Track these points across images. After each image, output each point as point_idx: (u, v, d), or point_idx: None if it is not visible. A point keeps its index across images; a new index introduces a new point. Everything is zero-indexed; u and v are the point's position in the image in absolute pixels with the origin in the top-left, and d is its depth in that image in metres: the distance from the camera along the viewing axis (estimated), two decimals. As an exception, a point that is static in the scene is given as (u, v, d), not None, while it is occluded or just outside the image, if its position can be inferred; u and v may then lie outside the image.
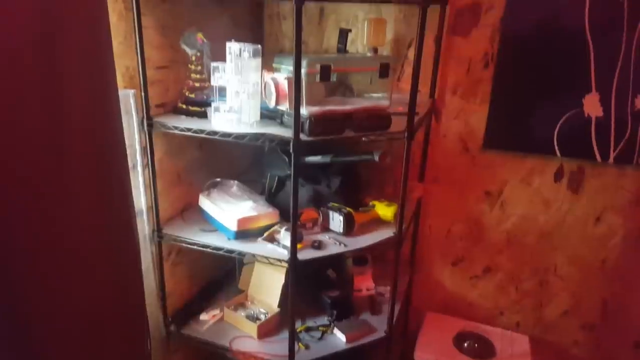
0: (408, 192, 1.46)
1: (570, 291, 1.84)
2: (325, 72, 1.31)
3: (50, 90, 1.02)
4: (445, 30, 1.71)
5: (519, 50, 1.63)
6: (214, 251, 1.44)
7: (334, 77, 1.35)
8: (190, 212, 1.65)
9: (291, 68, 1.23)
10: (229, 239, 1.47)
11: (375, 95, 1.44)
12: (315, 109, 1.31)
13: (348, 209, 1.54)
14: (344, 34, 1.52)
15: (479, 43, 1.69)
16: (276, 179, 1.66)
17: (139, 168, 1.42)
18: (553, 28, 1.57)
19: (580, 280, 1.82)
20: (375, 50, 1.49)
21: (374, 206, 1.63)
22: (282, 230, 1.45)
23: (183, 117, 1.47)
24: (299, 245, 1.40)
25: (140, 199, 1.46)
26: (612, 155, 1.62)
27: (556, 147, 1.67)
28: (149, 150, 1.43)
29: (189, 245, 1.48)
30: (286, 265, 1.37)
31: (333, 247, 1.46)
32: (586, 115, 1.61)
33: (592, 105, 1.60)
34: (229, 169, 1.81)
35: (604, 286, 1.79)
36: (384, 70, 1.37)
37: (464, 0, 1.66)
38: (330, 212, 1.55)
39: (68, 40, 1.04)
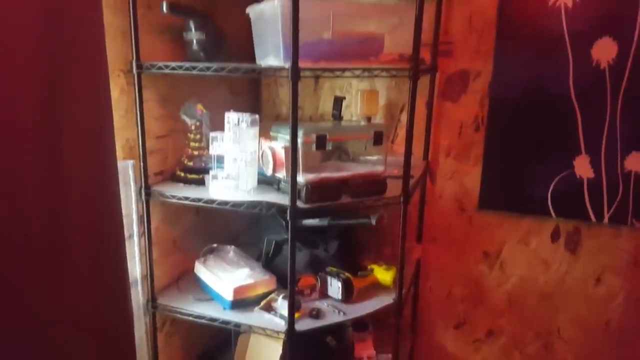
0: (406, 254, 1.46)
1: (575, 355, 1.79)
2: (321, 141, 1.35)
3: (50, 164, 1.04)
4: (435, 95, 1.77)
5: (508, 114, 1.69)
6: (210, 322, 1.40)
7: (329, 146, 1.38)
8: (186, 279, 1.62)
9: (288, 137, 1.26)
10: (224, 308, 1.44)
11: (370, 158, 1.47)
12: (312, 176, 1.33)
13: (346, 274, 1.52)
14: (338, 101, 1.58)
15: (469, 107, 1.74)
16: (273, 243, 1.65)
17: (135, 238, 1.42)
18: (540, 93, 1.64)
19: (585, 344, 1.77)
20: (369, 119, 1.53)
21: (372, 270, 1.62)
22: (280, 299, 1.43)
23: (181, 184, 1.49)
24: (296, 315, 1.37)
25: (136, 268, 1.44)
26: (606, 216, 1.64)
27: (551, 208, 1.69)
28: (145, 219, 1.43)
29: (183, 316, 1.45)
30: (284, 336, 1.34)
31: (332, 315, 1.43)
32: (578, 176, 1.64)
33: (583, 167, 1.63)
34: (226, 233, 1.80)
35: (609, 349, 1.75)
36: (378, 138, 1.41)
37: (453, 68, 1.74)
38: (329, 278, 1.53)
39: (70, 117, 1.07)
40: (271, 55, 1.32)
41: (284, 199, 1.31)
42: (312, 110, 1.93)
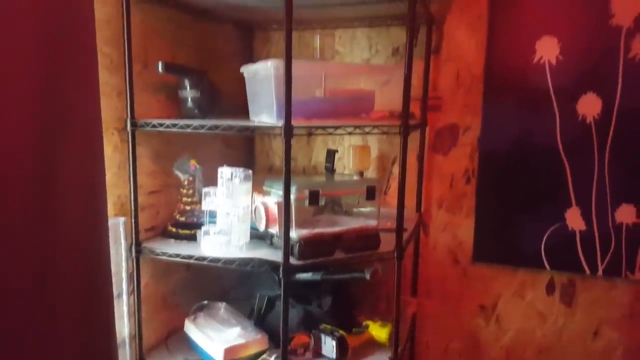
0: (402, 309, 1.43)
1: (577, 412, 1.74)
2: (314, 197, 1.34)
3: (41, 222, 1.02)
4: (426, 148, 1.79)
5: (498, 167, 1.71)
6: (199, 385, 1.35)
7: (322, 201, 1.38)
8: (176, 338, 1.57)
9: (281, 192, 1.26)
10: (215, 370, 1.39)
11: (364, 210, 1.47)
12: (305, 232, 1.32)
13: (341, 332, 1.49)
14: (331, 154, 1.59)
15: (459, 160, 1.77)
16: (265, 299, 1.62)
17: (124, 296, 1.38)
18: (528, 147, 1.67)
19: (587, 400, 1.72)
20: (361, 173, 1.54)
21: (367, 327, 1.58)
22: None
23: (172, 240, 1.47)
24: (289, 376, 1.33)
25: (124, 328, 1.40)
26: (600, 268, 1.63)
27: (545, 260, 1.68)
28: (135, 277, 1.40)
29: (172, 378, 1.39)
30: (276, 400, 1.29)
31: (326, 376, 1.39)
32: (570, 228, 1.65)
33: (574, 219, 1.64)
34: (217, 287, 1.76)
35: (612, 407, 1.70)
36: (371, 194, 1.41)
37: (442, 122, 1.77)
38: (323, 336, 1.49)
39: (63, 175, 1.07)
40: (265, 112, 1.34)
41: (276, 255, 1.29)
42: (305, 162, 1.95)
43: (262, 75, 1.32)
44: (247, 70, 1.40)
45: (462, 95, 1.74)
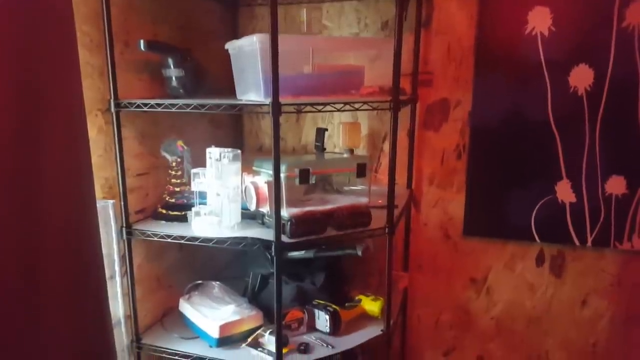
0: (393, 283, 1.45)
1: (566, 378, 1.79)
2: (304, 175, 1.33)
3: (27, 207, 1.01)
4: (417, 125, 1.78)
5: (489, 141, 1.70)
6: (196, 362, 1.37)
7: (312, 179, 1.37)
8: (171, 317, 1.58)
9: (271, 172, 1.25)
10: (211, 346, 1.41)
11: (355, 188, 1.47)
12: (296, 210, 1.32)
13: (334, 306, 1.50)
14: (321, 132, 1.58)
15: (450, 136, 1.76)
16: (259, 277, 1.63)
17: (117, 277, 1.39)
18: (520, 120, 1.66)
19: (574, 366, 1.77)
20: (351, 150, 1.53)
21: (360, 301, 1.60)
22: (267, 335, 1.40)
23: (163, 222, 1.46)
24: (284, 350, 1.35)
25: (119, 308, 1.40)
26: (589, 239, 1.65)
27: (535, 233, 1.70)
28: (127, 259, 1.40)
29: (169, 356, 1.41)
30: (271, 375, 1.31)
31: (320, 349, 1.41)
32: (560, 201, 1.66)
33: (564, 192, 1.65)
34: (211, 267, 1.77)
35: (599, 372, 1.75)
36: (361, 171, 1.40)
37: (433, 97, 1.75)
38: (316, 311, 1.51)
39: (47, 159, 1.05)
40: (252, 90, 1.32)
41: (268, 234, 1.29)
42: (295, 141, 1.93)
43: (247, 51, 1.29)
44: (232, 46, 1.37)
45: (453, 69, 1.71)
